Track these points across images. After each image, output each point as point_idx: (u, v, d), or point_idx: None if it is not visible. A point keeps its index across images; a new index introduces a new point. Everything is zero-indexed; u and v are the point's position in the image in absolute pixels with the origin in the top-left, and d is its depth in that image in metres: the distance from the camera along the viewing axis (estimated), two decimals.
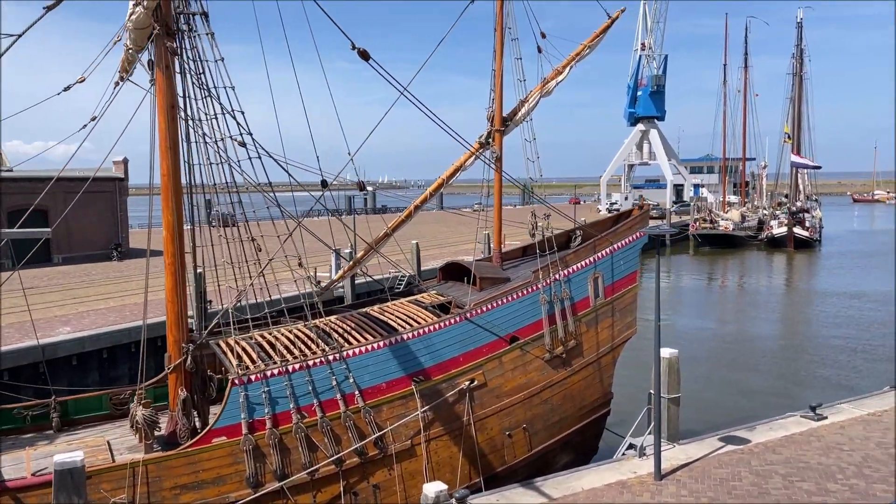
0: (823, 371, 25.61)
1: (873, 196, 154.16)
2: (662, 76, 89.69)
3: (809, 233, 64.74)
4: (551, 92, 15.91)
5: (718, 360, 27.63)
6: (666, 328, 35.43)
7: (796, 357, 27.92)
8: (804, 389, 22.45)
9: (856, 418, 14.72)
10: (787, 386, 23.43)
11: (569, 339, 14.75)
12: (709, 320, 37.11)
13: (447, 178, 15.06)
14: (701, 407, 20.44)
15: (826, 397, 18.36)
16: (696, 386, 23.11)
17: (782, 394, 21.90)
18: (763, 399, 21.43)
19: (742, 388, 23.42)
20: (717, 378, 24.85)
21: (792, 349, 29.50)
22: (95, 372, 23.46)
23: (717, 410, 20.08)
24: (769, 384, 23.79)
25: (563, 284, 14.75)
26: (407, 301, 14.89)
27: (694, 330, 34.06)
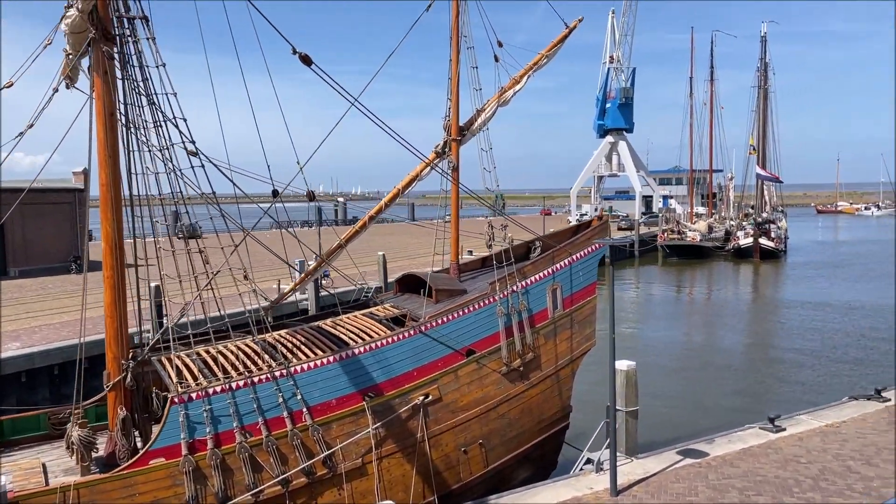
0: (786, 381, 25.72)
1: (836, 207, 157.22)
2: (631, 89, 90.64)
3: (775, 243, 65.60)
4: (509, 101, 15.74)
5: (684, 371, 27.63)
6: (633, 338, 35.60)
7: (760, 367, 28.02)
8: (767, 400, 22.47)
9: (814, 430, 14.66)
10: (749, 397, 23.44)
11: (526, 352, 14.50)
12: (676, 330, 37.23)
13: (402, 189, 14.76)
14: (663, 419, 20.33)
15: (789, 408, 18.38)
16: (660, 397, 23.03)
17: (745, 405, 21.88)
18: (726, 410, 21.38)
19: (706, 399, 23.39)
20: (681, 389, 24.81)
21: (757, 360, 29.62)
22: (46, 389, 22.70)
23: (679, 422, 19.97)
24: (732, 395, 23.80)
25: (520, 296, 14.50)
26: (361, 314, 14.53)
27: (661, 340, 34.10)
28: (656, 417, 20.30)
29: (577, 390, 16.37)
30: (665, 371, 27.53)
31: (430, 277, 14.58)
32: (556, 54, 16.30)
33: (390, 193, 14.92)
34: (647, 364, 28.74)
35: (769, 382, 25.59)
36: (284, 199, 12.84)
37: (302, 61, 9.30)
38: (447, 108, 15.21)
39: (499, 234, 14.72)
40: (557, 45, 16.18)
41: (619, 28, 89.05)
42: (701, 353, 30.93)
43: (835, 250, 75.84)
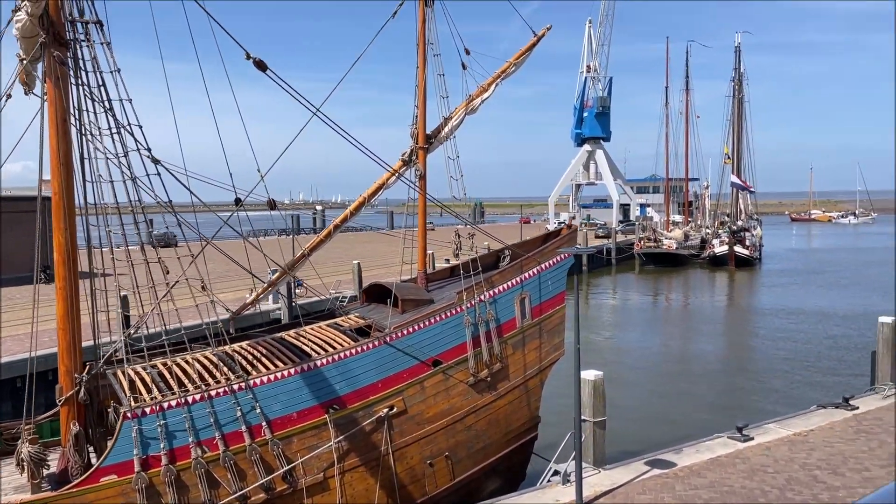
0: (758, 389, 25.79)
1: (810, 215, 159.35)
2: (607, 98, 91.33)
3: (750, 251, 66.16)
4: (476, 109, 15.63)
5: (658, 379, 27.64)
6: (609, 346, 35.61)
7: (734, 375, 28.09)
8: (738, 408, 22.46)
9: (782, 439, 14.62)
10: (721, 405, 23.44)
11: (494, 362, 14.33)
12: (652, 338, 37.27)
13: (368, 197, 14.57)
14: (634, 428, 20.26)
15: (761, 416, 18.38)
16: (633, 406, 22.99)
17: (716, 413, 21.85)
18: (697, 418, 21.34)
19: (678, 407, 23.36)
20: (653, 397, 24.79)
21: (730, 367, 29.70)
22: (9, 402, 22.12)
23: (649, 431, 19.90)
24: (704, 403, 23.80)
25: (488, 306, 14.35)
26: (325, 325, 14.28)
27: (636, 348, 34.14)
28: (627, 426, 20.23)
29: (547, 400, 16.25)
30: (639, 379, 27.52)
31: (396, 287, 14.38)
32: (524, 62, 16.23)
33: (356, 202, 14.73)
34: (621, 372, 28.74)
35: (741, 390, 25.65)
36: (248, 207, 12.60)
37: (256, 66, 9.11)
38: (414, 115, 15.06)
39: (466, 243, 14.54)
40: (525, 53, 16.11)
41: (596, 38, 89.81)
42: (675, 361, 30.97)
43: (808, 258, 76.73)
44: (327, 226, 65.30)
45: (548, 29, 16.36)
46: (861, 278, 57.82)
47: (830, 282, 56.09)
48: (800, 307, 44.12)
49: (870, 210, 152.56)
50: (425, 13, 14.73)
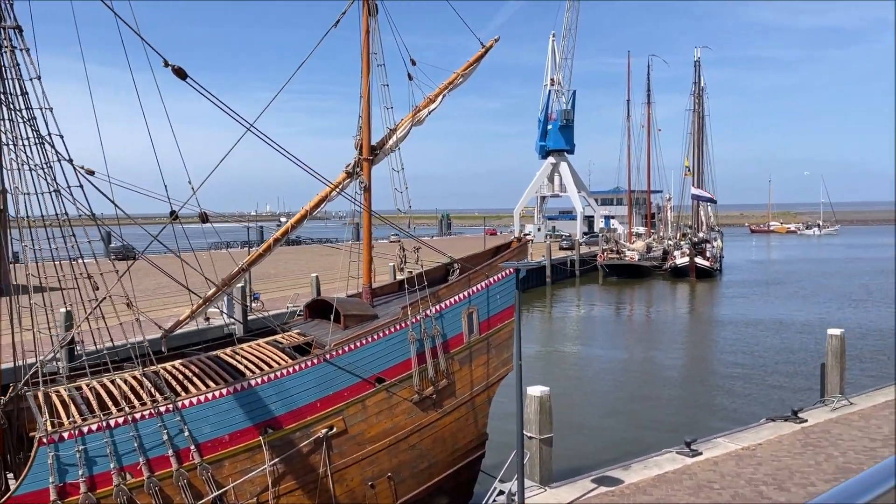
0: (714, 402, 25.82)
1: (769, 227, 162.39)
2: (571, 111, 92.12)
3: (710, 262, 66.97)
4: (423, 121, 15.37)
5: (617, 391, 27.55)
6: (571, 358, 35.54)
7: (691, 387, 28.14)
8: (693, 421, 22.43)
9: (730, 453, 14.52)
10: (677, 417, 23.38)
11: (440, 379, 13.99)
12: (614, 349, 37.26)
13: (310, 210, 14.18)
14: (589, 442, 20.09)
15: (715, 428, 18.29)
16: (591, 419, 22.83)
17: (671, 426, 21.76)
18: (652, 432, 21.22)
19: (634, 420, 23.25)
20: (612, 410, 24.65)
21: (688, 379, 29.78)
22: None
23: (602, 446, 19.71)
24: (660, 416, 23.71)
25: (433, 321, 14.02)
26: (264, 342, 13.80)
27: (597, 360, 34.10)
28: (581, 441, 20.06)
29: (497, 416, 15.97)
30: (598, 391, 27.41)
31: (338, 302, 13.98)
32: (472, 73, 16.03)
33: (297, 214, 14.33)
34: (580, 385, 28.63)
35: (697, 403, 25.64)
36: (183, 220, 12.13)
37: (176, 74, 8.71)
38: (359, 126, 14.73)
39: (411, 257, 14.22)
40: (472, 64, 15.92)
41: (560, 51, 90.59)
42: (635, 373, 30.94)
43: (768, 269, 78.01)
44: (292, 238, 63.08)
45: (495, 41, 16.19)
46: (820, 289, 58.83)
47: (790, 293, 56.94)
48: (759, 318, 44.61)
49: (833, 222, 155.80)
50: (369, 22, 14.43)
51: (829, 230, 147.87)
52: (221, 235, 37.36)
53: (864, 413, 16.86)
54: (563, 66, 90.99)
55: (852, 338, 37.67)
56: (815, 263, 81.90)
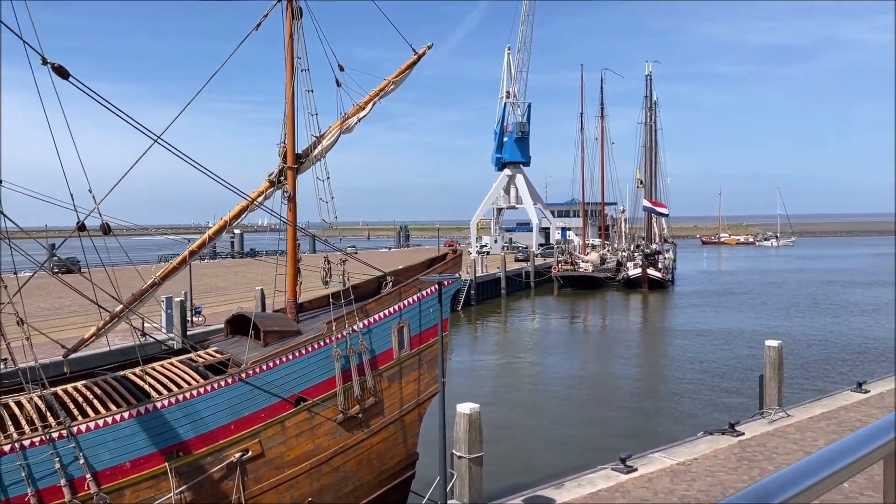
0: (659, 414, 25.71)
1: (719, 238, 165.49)
2: (526, 123, 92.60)
3: (662, 274, 67.65)
4: (352, 128, 14.86)
5: (563, 404, 27.24)
6: (521, 370, 35.20)
7: (638, 399, 28.01)
8: (635, 435, 22.21)
9: (665, 469, 14.22)
10: (621, 431, 23.14)
11: (367, 397, 13.42)
12: (564, 361, 37.03)
13: (229, 221, 13.53)
14: (530, 458, 19.67)
15: (657, 441, 18.02)
16: (528, 435, 22.44)
17: (611, 441, 21.48)
18: (594, 445, 20.91)
19: (578, 434, 22.92)
20: (557, 423, 24.32)
21: (635, 391, 29.65)
22: None
23: (543, 461, 19.32)
24: (606, 429, 23.44)
25: (361, 336, 13.46)
26: (178, 361, 13.06)
27: (545, 373, 33.85)
28: (522, 457, 19.64)
29: (430, 434, 15.43)
30: (542, 405, 27.08)
31: (258, 317, 13.33)
32: (404, 81, 15.60)
33: (216, 225, 13.66)
34: (528, 398, 28.28)
35: (641, 416, 25.44)
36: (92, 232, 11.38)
37: (57, 73, 8.04)
38: (283, 133, 14.15)
39: (337, 270, 13.65)
40: (405, 71, 15.49)
41: (515, 64, 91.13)
42: (581, 386, 30.71)
43: (718, 279, 79.16)
44: (246, 250, 63.14)
45: (428, 47, 15.80)
46: (769, 299, 59.85)
47: (739, 303, 57.76)
48: (708, 328, 45.02)
49: (790, 233, 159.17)
50: (292, 26, 13.89)
51: (786, 242, 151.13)
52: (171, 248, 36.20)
53: (800, 425, 16.78)
54: (519, 79, 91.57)
55: (798, 347, 38.32)
56: (763, 274, 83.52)
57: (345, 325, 13.23)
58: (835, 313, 50.79)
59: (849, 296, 60.50)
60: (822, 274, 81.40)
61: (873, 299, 57.84)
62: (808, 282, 72.88)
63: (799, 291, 64.64)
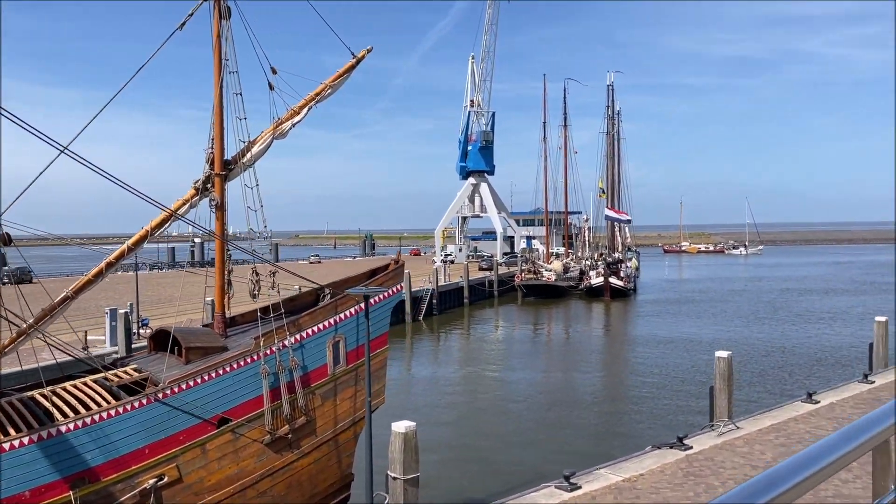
0: (610, 427, 25.30)
1: (680, 247, 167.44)
2: (491, 132, 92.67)
3: (624, 283, 67.83)
4: (286, 134, 14.24)
5: (514, 418, 26.77)
6: (481, 381, 34.65)
7: (591, 412, 27.62)
8: (585, 449, 21.82)
9: (610, 486, 13.77)
10: (574, 444, 22.73)
11: (297, 416, 12.76)
12: (524, 371, 36.60)
13: (151, 230, 12.78)
14: (478, 475, 19.12)
15: (605, 456, 17.60)
16: (475, 452, 21.89)
17: (561, 456, 21.04)
18: (545, 459, 20.45)
19: (523, 449, 22.36)
20: (509, 437, 23.82)
21: (589, 403, 29.26)
22: None
23: (491, 477, 18.80)
24: (553, 444, 22.95)
25: (291, 352, 12.80)
26: (91, 380, 12.25)
27: (508, 382, 33.39)
28: (467, 475, 19.10)
29: (375, 451, 14.78)
30: (492, 419, 26.58)
31: (179, 332, 12.59)
32: (342, 85, 15.05)
33: (136, 235, 12.88)
34: (484, 411, 27.76)
35: (593, 430, 24.95)
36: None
37: None
38: (210, 138, 13.46)
39: (266, 283, 12.99)
40: (343, 75, 14.94)
41: (479, 73, 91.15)
42: (536, 398, 30.28)
43: (680, 287, 79.78)
44: (207, 259, 61.62)
45: (368, 51, 15.26)
46: (728, 307, 60.38)
47: (700, 311, 58.12)
48: (668, 337, 45.09)
49: (758, 242, 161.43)
50: (221, 26, 13.25)
51: (754, 250, 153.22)
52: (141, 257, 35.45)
53: (749, 438, 16.50)
54: (483, 88, 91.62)
55: (757, 355, 38.50)
56: (724, 282, 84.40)
57: (274, 340, 12.57)
58: (793, 321, 51.33)
59: (808, 304, 61.33)
60: (781, 282, 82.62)
61: (830, 307, 58.70)
62: (768, 290, 73.84)
63: (759, 299, 65.40)
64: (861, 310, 56.17)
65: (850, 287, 75.67)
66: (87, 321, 36.49)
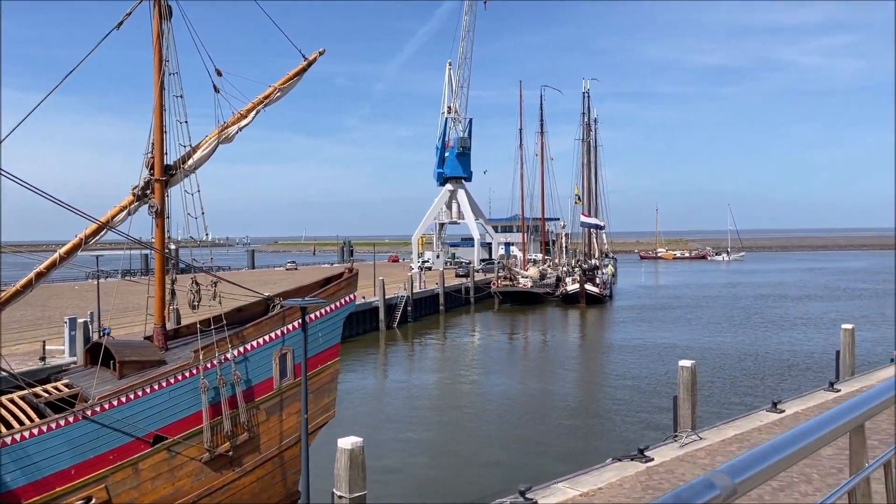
0: (575, 439, 24.83)
1: (656, 253, 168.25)
2: (468, 139, 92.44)
3: (600, 289, 67.73)
4: (232, 138, 13.74)
5: (479, 429, 26.31)
6: (453, 389, 34.17)
7: (558, 423, 27.18)
8: (548, 462, 21.42)
9: (567, 500, 13.35)
10: (534, 458, 22.29)
11: (239, 433, 12.23)
12: (498, 378, 36.15)
13: (86, 238, 12.22)
14: (429, 494, 18.62)
15: (570, 467, 17.20)
16: (434, 467, 21.41)
17: (529, 468, 20.67)
18: (502, 475, 20.03)
19: (486, 462, 21.90)
20: (468, 451, 23.36)
21: (557, 414, 28.82)
22: None
23: (452, 491, 18.32)
24: (517, 457, 22.54)
25: (234, 365, 12.28)
26: (18, 396, 11.64)
27: (474, 392, 32.96)
28: (418, 493, 18.62)
29: (320, 468, 14.27)
30: (459, 431, 26.12)
31: (113, 345, 12.03)
32: (292, 88, 14.58)
33: (70, 243, 12.30)
34: (458, 420, 27.27)
35: (562, 440, 24.57)
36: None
37: None
38: (150, 141, 12.93)
39: (207, 293, 12.46)
40: (293, 78, 14.48)
41: (456, 79, 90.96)
42: (507, 408, 29.83)
43: (656, 294, 79.90)
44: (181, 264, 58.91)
45: (319, 53, 14.81)
46: (703, 313, 60.49)
47: (675, 317, 58.12)
48: (642, 343, 44.94)
49: (740, 248, 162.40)
50: (161, 26, 12.74)
51: (736, 256, 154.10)
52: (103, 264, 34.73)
53: (711, 449, 16.20)
54: (460, 95, 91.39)
55: (728, 362, 38.41)
56: (699, 289, 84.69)
57: (215, 353, 12.04)
58: (767, 327, 51.45)
59: (782, 310, 61.62)
60: (756, 288, 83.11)
61: (803, 313, 59.00)
62: (743, 296, 74.19)
63: (733, 305, 65.65)
64: (834, 315, 56.54)
65: (823, 293, 76.28)
66: (50, 330, 35.63)
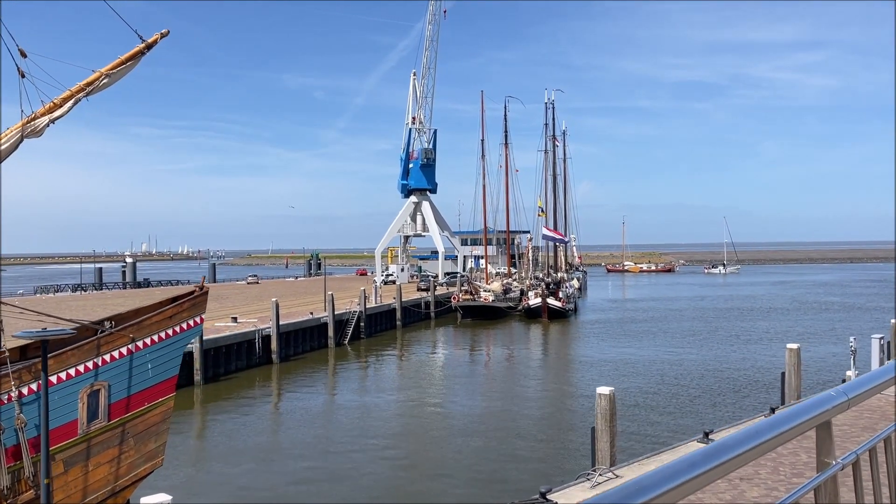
0: (495, 473, 22.47)
1: (623, 267, 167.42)
2: (432, 150, 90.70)
3: (562, 303, 65.85)
4: (41, 131, 11.52)
5: (403, 464, 24.09)
6: (404, 410, 31.82)
7: (486, 455, 24.99)
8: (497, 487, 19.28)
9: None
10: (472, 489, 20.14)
11: (23, 490, 9.93)
12: (454, 396, 33.87)
13: None
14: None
15: None
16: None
17: None
18: None
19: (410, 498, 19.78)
20: (387, 485, 21.14)
21: (484, 444, 26.55)
22: None
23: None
24: (431, 497, 20.35)
25: (20, 406, 10.00)
26: None
27: (423, 413, 30.74)
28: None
29: None
30: (381, 468, 23.87)
31: None
32: (124, 74, 12.38)
33: None
34: (406, 445, 24.88)
35: (477, 477, 22.04)
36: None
37: None
38: None
39: None
40: (125, 62, 12.31)
41: (420, 89, 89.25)
42: (438, 436, 27.59)
43: (621, 307, 78.26)
44: (140, 279, 57.58)
45: (162, 35, 12.66)
46: (668, 326, 59.03)
47: (638, 332, 56.49)
48: (603, 359, 43.30)
49: (735, 261, 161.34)
50: None
51: (732, 269, 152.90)
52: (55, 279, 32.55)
53: None
54: (424, 105, 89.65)
55: (689, 378, 36.57)
56: (665, 302, 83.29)
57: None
58: (731, 342, 49.90)
59: (748, 324, 60.30)
60: (724, 301, 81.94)
61: (767, 329, 57.62)
62: (709, 308, 72.88)
63: (701, 317, 64.37)
64: (801, 329, 55.27)
65: (790, 306, 75.23)
66: None
